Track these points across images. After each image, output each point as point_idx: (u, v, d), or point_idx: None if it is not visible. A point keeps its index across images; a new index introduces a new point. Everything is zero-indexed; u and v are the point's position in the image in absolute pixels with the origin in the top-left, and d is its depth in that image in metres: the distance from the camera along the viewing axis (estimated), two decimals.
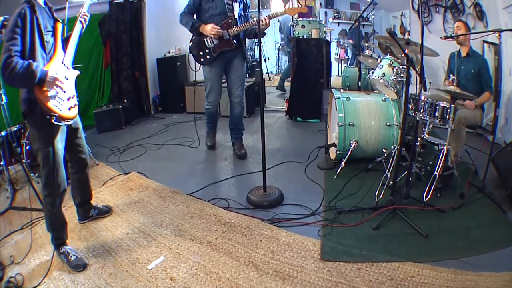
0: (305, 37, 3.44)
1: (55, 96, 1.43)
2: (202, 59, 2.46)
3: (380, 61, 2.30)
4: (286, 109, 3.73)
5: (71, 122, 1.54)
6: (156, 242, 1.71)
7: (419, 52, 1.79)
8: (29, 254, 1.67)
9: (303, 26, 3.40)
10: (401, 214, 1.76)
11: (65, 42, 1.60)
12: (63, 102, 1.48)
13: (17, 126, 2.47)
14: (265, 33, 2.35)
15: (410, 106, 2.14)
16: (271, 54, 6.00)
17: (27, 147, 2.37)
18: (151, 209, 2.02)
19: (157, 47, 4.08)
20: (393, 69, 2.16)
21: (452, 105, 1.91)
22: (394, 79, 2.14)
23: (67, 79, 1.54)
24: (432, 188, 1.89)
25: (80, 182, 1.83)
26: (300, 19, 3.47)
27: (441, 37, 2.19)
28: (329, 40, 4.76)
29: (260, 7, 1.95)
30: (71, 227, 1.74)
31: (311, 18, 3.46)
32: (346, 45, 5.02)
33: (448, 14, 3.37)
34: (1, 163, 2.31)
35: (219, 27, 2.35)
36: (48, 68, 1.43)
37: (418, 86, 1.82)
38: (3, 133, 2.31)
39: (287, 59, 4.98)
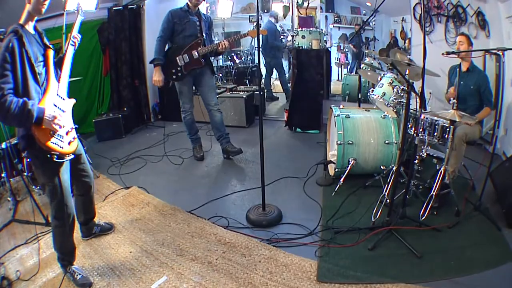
0: (305, 48, 3.41)
1: (54, 133, 1.36)
2: (174, 76, 2.70)
3: (381, 79, 2.29)
4: (285, 120, 3.72)
5: (72, 156, 1.49)
6: (159, 261, 1.74)
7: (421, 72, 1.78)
8: (34, 270, 1.70)
9: (303, 37, 3.38)
10: (396, 235, 1.79)
11: (58, 65, 1.51)
12: (63, 138, 1.43)
13: (16, 138, 2.48)
14: (223, 52, 2.80)
15: (410, 125, 2.14)
16: None
17: (28, 159, 2.38)
18: (152, 227, 2.05)
19: None
20: (393, 89, 2.15)
21: (451, 126, 1.92)
22: (394, 100, 2.14)
23: (63, 111, 1.47)
24: (428, 207, 1.92)
25: (84, 204, 1.84)
26: (300, 29, 3.44)
27: (442, 53, 2.18)
28: (330, 44, 4.71)
29: (260, 11, 2.04)
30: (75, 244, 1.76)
31: (311, 29, 3.43)
32: (346, 50, 4.99)
33: (450, 24, 3.35)
34: (3, 174, 2.33)
35: (162, 78, 2.64)
36: (44, 104, 1.35)
37: (418, 108, 1.83)
38: (3, 145, 2.32)
39: (266, 70, 5.08)
